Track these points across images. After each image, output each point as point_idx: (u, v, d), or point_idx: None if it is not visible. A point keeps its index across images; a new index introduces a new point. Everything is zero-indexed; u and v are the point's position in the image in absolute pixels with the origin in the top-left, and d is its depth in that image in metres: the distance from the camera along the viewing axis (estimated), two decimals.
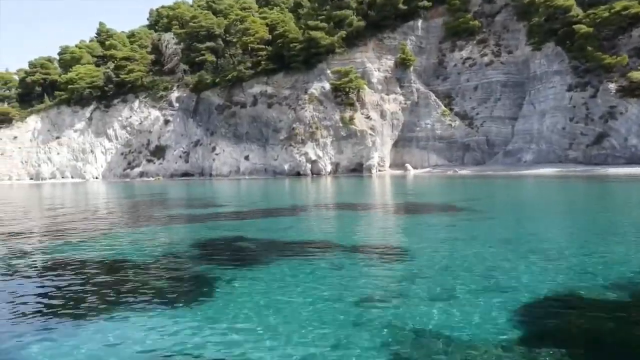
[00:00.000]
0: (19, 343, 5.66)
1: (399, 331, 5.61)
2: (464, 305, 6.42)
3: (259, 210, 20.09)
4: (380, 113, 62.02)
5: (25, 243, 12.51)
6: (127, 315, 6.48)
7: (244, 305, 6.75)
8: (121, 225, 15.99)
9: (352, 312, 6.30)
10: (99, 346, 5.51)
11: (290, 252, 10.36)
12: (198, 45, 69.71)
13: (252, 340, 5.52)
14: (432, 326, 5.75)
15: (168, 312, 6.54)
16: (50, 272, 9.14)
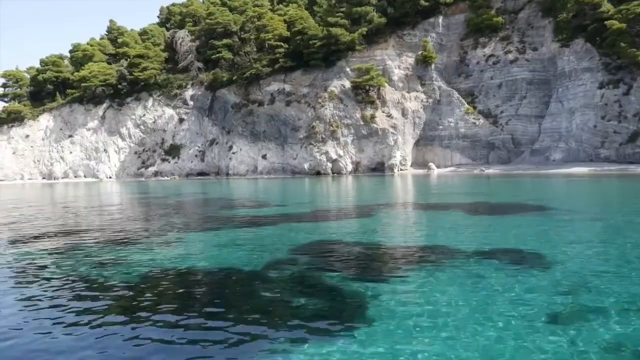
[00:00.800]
0: None
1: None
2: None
3: (325, 211, 18.98)
4: (402, 111, 60.91)
5: (124, 252, 11.39)
6: (291, 343, 5.25)
7: (410, 326, 5.62)
8: (190, 228, 14.87)
9: (554, 333, 5.25)
10: None
11: (414, 259, 9.25)
12: (215, 43, 68.51)
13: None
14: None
15: (325, 338, 5.38)
16: (170, 283, 8.05)
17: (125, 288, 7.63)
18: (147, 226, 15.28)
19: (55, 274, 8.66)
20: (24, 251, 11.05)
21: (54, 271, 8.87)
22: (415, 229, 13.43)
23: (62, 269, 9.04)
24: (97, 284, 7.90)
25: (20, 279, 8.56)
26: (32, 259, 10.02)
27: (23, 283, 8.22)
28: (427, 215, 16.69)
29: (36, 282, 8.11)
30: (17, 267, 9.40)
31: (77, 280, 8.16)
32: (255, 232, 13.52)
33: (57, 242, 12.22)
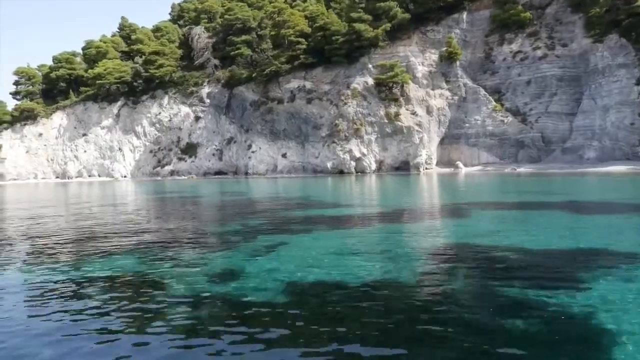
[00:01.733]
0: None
1: None
2: None
3: (409, 210, 17.56)
4: (426, 109, 59.56)
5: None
6: None
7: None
8: (282, 229, 13.50)
9: None
10: None
11: (581, 263, 7.86)
12: (234, 39, 67.14)
13: None
14: None
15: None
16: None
17: (246, 306, 6.21)
18: (228, 229, 13.91)
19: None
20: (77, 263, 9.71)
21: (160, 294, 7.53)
22: (537, 230, 12.05)
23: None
24: (213, 298, 6.55)
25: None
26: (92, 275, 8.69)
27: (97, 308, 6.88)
28: (531, 215, 15.32)
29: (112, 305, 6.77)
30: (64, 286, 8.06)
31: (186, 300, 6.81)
32: (355, 235, 12.12)
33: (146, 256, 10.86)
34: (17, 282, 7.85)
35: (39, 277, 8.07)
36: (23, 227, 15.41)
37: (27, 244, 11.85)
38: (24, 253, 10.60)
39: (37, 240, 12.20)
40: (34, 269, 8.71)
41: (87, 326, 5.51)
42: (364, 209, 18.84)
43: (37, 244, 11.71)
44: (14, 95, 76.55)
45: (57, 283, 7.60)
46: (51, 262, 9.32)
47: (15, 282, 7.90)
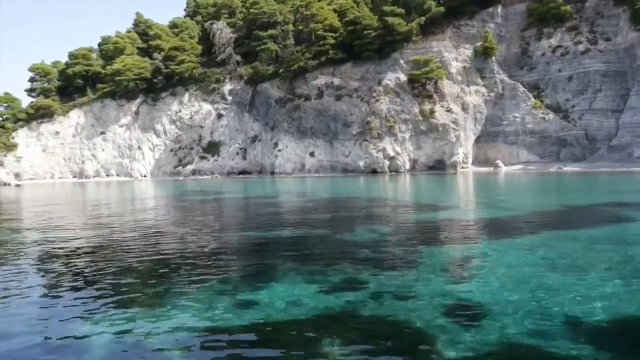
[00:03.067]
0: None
1: None
2: None
3: (554, 214, 15.42)
4: (462, 106, 57.41)
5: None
6: None
7: None
8: (446, 241, 11.31)
9: None
10: None
11: None
12: (260, 33, 64.83)
13: None
14: None
15: None
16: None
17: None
18: (379, 241, 11.69)
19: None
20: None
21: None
22: None
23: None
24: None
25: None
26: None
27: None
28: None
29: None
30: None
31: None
32: (536, 243, 9.91)
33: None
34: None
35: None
36: (39, 234, 13.21)
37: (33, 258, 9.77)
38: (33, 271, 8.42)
39: (47, 254, 10.17)
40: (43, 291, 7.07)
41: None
42: (493, 210, 16.59)
43: (46, 257, 9.56)
44: (29, 92, 74.22)
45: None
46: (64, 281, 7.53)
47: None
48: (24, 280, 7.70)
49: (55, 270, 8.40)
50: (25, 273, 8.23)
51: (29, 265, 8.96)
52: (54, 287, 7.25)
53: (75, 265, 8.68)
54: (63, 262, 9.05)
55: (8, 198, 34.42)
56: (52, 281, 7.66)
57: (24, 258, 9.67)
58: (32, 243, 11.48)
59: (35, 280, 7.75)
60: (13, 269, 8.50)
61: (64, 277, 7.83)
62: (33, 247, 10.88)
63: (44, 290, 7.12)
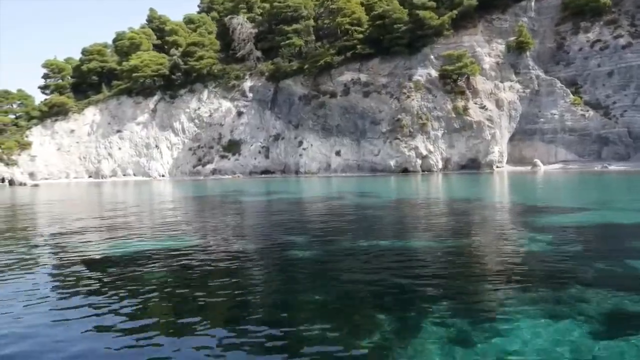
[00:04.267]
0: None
1: None
2: None
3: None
4: (496, 102, 55.27)
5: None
6: None
7: None
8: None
9: None
10: None
11: None
12: (284, 28, 62.63)
13: None
14: None
15: None
16: None
17: None
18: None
19: None
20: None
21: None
22: None
23: None
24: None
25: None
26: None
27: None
28: None
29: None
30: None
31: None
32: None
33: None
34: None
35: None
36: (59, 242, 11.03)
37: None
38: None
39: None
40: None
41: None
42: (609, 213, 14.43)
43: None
44: (42, 89, 72.09)
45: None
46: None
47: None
48: (80, 305, 5.69)
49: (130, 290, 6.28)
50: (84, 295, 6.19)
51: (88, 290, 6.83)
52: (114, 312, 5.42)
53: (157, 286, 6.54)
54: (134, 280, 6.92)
55: (30, 199, 32.25)
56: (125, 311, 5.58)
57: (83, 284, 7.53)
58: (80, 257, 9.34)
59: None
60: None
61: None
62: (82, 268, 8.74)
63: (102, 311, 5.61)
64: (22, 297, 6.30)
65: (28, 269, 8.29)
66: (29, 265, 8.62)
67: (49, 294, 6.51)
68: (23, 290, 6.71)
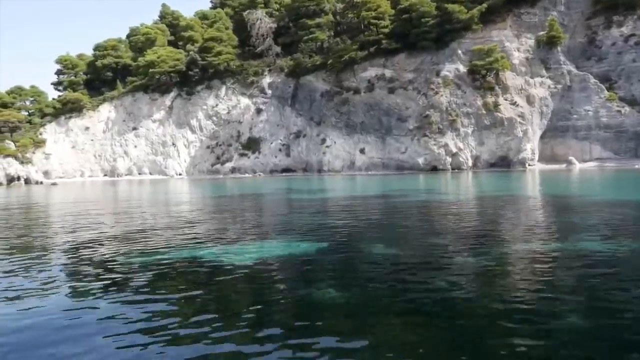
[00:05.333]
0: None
1: None
2: None
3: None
4: (526, 99, 53.73)
5: None
6: None
7: None
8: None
9: None
10: None
11: None
12: (307, 22, 61.01)
13: None
14: None
15: None
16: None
17: None
18: None
19: None
20: None
21: None
22: None
23: None
24: None
25: None
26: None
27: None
28: None
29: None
30: None
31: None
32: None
33: None
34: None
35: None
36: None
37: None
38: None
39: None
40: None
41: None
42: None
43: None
44: (55, 85, 70.40)
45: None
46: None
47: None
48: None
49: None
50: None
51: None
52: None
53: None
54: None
55: (57, 199, 30.64)
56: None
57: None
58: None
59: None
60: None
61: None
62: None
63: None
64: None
65: (78, 279, 6.78)
66: (82, 277, 7.10)
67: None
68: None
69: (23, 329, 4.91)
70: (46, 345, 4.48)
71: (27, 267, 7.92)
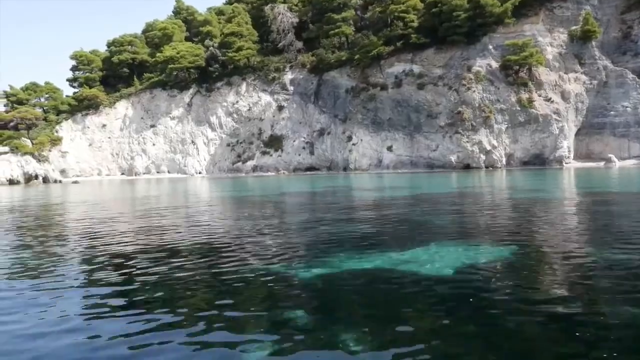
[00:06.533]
0: None
1: None
2: None
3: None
4: (561, 95, 52.27)
5: None
6: None
7: None
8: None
9: None
10: None
11: None
12: (333, 16, 59.35)
13: None
14: None
15: None
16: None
17: None
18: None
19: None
20: None
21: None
22: None
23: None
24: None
25: None
26: None
27: None
28: None
29: None
30: None
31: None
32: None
33: None
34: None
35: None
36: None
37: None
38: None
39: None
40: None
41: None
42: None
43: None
44: (71, 82, 68.60)
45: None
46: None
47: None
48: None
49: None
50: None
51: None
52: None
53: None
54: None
55: (93, 198, 29.02)
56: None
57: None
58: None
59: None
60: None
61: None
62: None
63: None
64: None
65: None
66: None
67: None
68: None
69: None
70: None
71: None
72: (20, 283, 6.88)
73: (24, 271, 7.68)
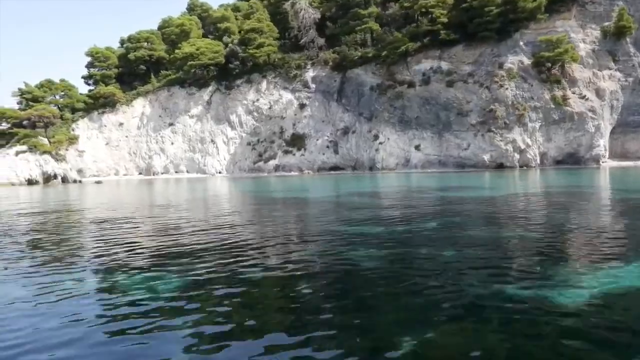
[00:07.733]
0: None
1: None
2: None
3: None
4: (596, 92, 50.97)
5: None
6: None
7: None
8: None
9: None
10: None
11: None
12: (360, 12, 57.90)
13: None
14: None
15: None
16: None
17: None
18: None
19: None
20: None
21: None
22: None
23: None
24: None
25: None
26: None
27: None
28: None
29: None
30: None
31: None
32: None
33: None
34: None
35: None
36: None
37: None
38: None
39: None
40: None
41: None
42: None
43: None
44: (86, 79, 66.97)
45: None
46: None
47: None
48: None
49: None
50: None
51: None
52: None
53: None
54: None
55: (136, 201, 27.47)
56: None
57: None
58: None
59: None
60: None
61: None
62: None
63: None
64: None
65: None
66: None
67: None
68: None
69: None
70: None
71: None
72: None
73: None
